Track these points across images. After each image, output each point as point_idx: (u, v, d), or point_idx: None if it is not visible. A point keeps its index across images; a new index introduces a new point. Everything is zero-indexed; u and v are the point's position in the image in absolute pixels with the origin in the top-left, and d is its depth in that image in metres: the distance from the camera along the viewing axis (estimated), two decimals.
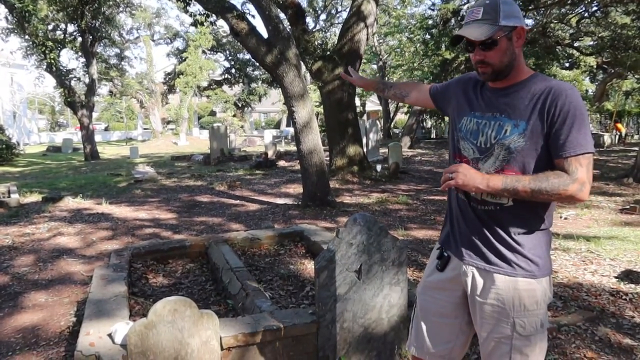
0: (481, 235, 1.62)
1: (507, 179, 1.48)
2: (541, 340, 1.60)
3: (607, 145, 20.36)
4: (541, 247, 1.59)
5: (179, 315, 2.22)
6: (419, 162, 15.57)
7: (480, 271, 1.62)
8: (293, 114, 7.31)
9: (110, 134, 43.09)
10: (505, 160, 1.54)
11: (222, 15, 7.36)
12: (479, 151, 1.62)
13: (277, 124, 46.26)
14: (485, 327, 1.63)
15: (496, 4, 1.52)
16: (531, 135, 1.50)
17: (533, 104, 1.51)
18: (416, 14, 23.60)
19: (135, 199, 8.77)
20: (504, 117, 1.57)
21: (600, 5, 16.64)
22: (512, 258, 1.57)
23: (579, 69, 22.71)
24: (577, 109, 1.45)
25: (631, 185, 9.18)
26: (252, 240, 4.65)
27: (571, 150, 1.44)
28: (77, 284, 4.17)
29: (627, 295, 3.72)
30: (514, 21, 1.52)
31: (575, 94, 1.47)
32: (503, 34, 1.52)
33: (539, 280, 1.57)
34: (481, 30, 1.51)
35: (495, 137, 1.57)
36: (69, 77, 20.03)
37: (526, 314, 1.56)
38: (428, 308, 1.79)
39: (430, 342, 1.78)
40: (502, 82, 1.61)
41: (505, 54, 1.54)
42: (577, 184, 1.43)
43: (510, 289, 1.56)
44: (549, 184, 1.44)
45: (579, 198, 1.46)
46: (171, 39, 35.33)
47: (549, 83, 1.52)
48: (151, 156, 21.58)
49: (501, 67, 1.55)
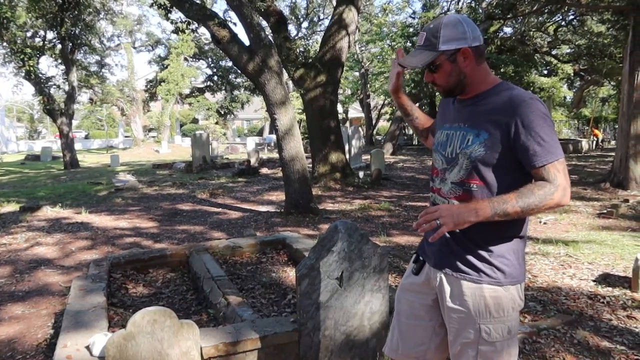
0: (448, 242, 1.64)
1: (494, 204, 1.46)
2: (508, 347, 1.61)
3: (585, 151, 20.74)
4: (510, 254, 1.58)
5: (159, 326, 2.19)
6: (401, 168, 15.67)
7: (448, 277, 1.65)
8: (275, 122, 7.31)
9: (91, 142, 42.53)
10: (467, 169, 1.57)
11: (204, 22, 7.34)
12: (446, 161, 1.66)
13: (259, 131, 46.15)
14: (453, 331, 1.65)
15: (437, 29, 1.56)
16: (492, 145, 1.52)
17: (493, 115, 1.54)
18: (397, 21, 23.86)
19: (115, 208, 8.65)
20: (467, 127, 1.61)
21: (576, 14, 17.04)
22: (478, 265, 1.58)
23: (557, 76, 23.19)
24: (540, 117, 1.47)
25: (608, 190, 9.36)
26: (234, 248, 4.62)
27: (545, 159, 1.46)
28: (55, 295, 4.09)
29: (605, 299, 3.79)
30: (456, 44, 1.54)
31: (535, 102, 1.49)
32: (445, 57, 1.56)
33: (506, 288, 1.57)
34: (420, 58, 1.58)
35: (460, 146, 1.60)
36: (48, 84, 19.73)
37: (492, 321, 1.57)
38: (403, 310, 1.82)
39: (404, 344, 1.80)
40: (466, 93, 1.65)
41: (451, 75, 1.59)
42: (560, 189, 1.45)
43: (475, 296, 1.58)
44: (536, 197, 1.44)
45: (563, 203, 1.48)
46: (153, 46, 35.07)
47: (510, 93, 1.54)
48: (132, 164, 21.35)
49: (450, 87, 1.63)
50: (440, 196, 1.67)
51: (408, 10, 37.74)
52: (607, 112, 31.51)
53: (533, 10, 13.33)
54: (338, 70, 10.90)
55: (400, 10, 25.01)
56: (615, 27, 14.60)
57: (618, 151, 9.71)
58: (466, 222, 1.46)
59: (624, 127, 9.51)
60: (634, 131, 9.32)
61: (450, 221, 1.45)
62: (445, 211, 1.46)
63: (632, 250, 5.16)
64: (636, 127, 9.31)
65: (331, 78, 10.65)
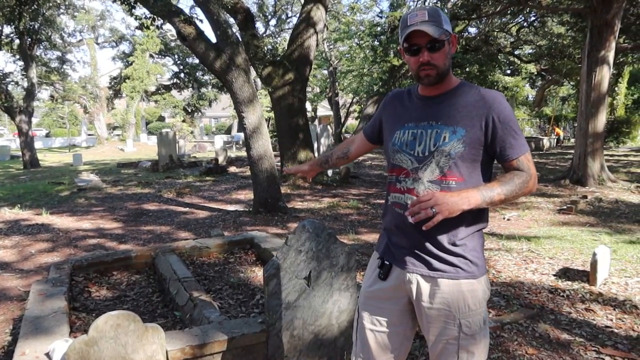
0: (421, 243, 1.63)
1: (482, 191, 1.52)
2: (484, 337, 1.65)
3: (546, 149, 21.34)
4: (478, 247, 1.65)
5: (122, 330, 2.14)
6: (369, 166, 15.80)
7: (425, 277, 1.64)
8: (243, 120, 7.24)
9: (52, 140, 41.14)
10: (445, 166, 1.58)
11: (169, 19, 7.20)
12: (417, 160, 1.63)
13: (228, 129, 45.65)
14: (433, 330, 1.65)
15: (436, 10, 1.59)
16: (470, 141, 1.56)
17: (468, 111, 1.59)
18: (365, 20, 23.96)
19: (78, 209, 8.41)
20: (440, 124, 1.61)
21: (537, 16, 17.52)
22: (454, 261, 1.60)
23: (520, 75, 23.79)
24: (511, 113, 1.58)
25: (568, 187, 9.66)
26: (201, 248, 4.56)
27: (520, 151, 1.58)
28: (13, 300, 3.95)
29: (565, 292, 3.91)
30: (449, 28, 1.60)
31: (504, 100, 1.60)
32: (445, 37, 1.58)
33: (479, 280, 1.63)
34: (433, 29, 1.55)
35: (434, 144, 1.60)
36: (6, 81, 19.04)
37: (471, 314, 1.61)
38: (373, 318, 1.76)
39: (377, 352, 1.77)
40: (433, 90, 1.66)
41: (447, 57, 1.61)
42: (533, 177, 1.59)
43: (454, 292, 1.60)
44: (516, 185, 1.55)
45: (534, 190, 1.61)
46: (117, 42, 34.23)
47: (478, 91, 1.62)
48: (96, 163, 20.80)
49: (444, 70, 1.61)
50: (415, 197, 1.61)
51: (375, 9, 38.08)
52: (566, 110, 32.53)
53: (496, 11, 13.61)
54: (306, 68, 10.88)
55: (367, 9, 25.12)
56: (574, 28, 15.08)
57: (577, 149, 10.03)
58: (459, 210, 1.47)
59: (582, 125, 9.83)
60: (591, 129, 9.65)
61: (446, 209, 1.45)
62: (440, 199, 1.46)
63: (590, 245, 5.35)
64: (594, 125, 9.64)
65: (299, 76, 10.62)
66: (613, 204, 7.86)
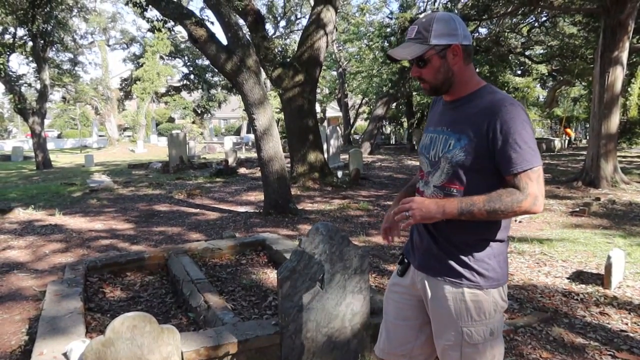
0: (430, 246, 1.66)
1: (462, 204, 1.49)
2: (492, 348, 1.62)
3: (558, 150, 21.18)
4: (490, 259, 1.59)
5: (138, 332, 2.16)
6: (379, 167, 15.76)
7: (430, 280, 1.66)
8: (253, 121, 7.27)
9: (64, 141, 41.56)
10: (448, 173, 1.59)
11: (180, 21, 7.25)
12: (430, 165, 1.67)
13: (237, 130, 45.82)
14: (437, 333, 1.68)
15: (429, 23, 1.56)
16: (471, 150, 1.53)
17: (474, 119, 1.55)
18: (375, 21, 23.95)
19: (90, 209, 8.49)
20: (449, 130, 1.61)
21: (549, 16, 17.39)
22: (459, 269, 1.60)
23: (530, 76, 23.62)
24: (519, 123, 1.47)
25: (580, 189, 9.58)
26: (213, 250, 4.58)
27: (519, 167, 1.46)
28: (29, 299, 3.99)
29: (579, 296, 3.88)
30: (447, 39, 1.55)
31: (515, 109, 1.48)
32: (434, 52, 1.55)
33: (486, 291, 1.58)
34: (410, 50, 1.56)
35: (442, 150, 1.61)
36: (19, 83, 19.25)
37: (473, 323, 1.59)
38: (390, 311, 1.84)
39: (390, 343, 1.82)
40: (451, 95, 1.65)
41: (439, 72, 1.58)
42: (530, 198, 1.46)
43: (457, 299, 1.60)
44: (502, 203, 1.46)
45: (534, 211, 1.50)
46: (127, 44, 34.48)
47: (492, 97, 1.55)
48: (107, 164, 20.96)
49: (437, 84, 1.61)
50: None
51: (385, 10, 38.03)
52: (578, 111, 32.27)
53: (507, 11, 13.54)
54: (316, 69, 10.90)
55: (377, 10, 25.14)
56: (587, 29, 14.96)
57: (590, 150, 9.94)
58: (433, 218, 1.52)
59: (595, 126, 9.74)
60: (604, 131, 9.56)
61: (419, 214, 1.50)
62: (416, 204, 1.52)
63: (604, 247, 5.30)
64: (607, 126, 9.55)
65: (309, 78, 10.64)
66: (627, 206, 7.78)
